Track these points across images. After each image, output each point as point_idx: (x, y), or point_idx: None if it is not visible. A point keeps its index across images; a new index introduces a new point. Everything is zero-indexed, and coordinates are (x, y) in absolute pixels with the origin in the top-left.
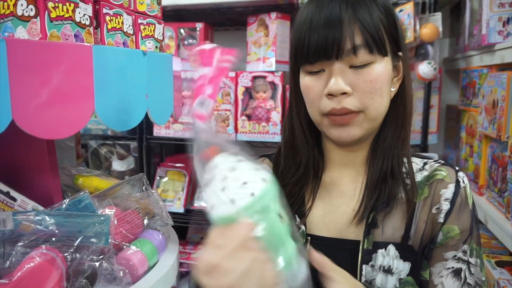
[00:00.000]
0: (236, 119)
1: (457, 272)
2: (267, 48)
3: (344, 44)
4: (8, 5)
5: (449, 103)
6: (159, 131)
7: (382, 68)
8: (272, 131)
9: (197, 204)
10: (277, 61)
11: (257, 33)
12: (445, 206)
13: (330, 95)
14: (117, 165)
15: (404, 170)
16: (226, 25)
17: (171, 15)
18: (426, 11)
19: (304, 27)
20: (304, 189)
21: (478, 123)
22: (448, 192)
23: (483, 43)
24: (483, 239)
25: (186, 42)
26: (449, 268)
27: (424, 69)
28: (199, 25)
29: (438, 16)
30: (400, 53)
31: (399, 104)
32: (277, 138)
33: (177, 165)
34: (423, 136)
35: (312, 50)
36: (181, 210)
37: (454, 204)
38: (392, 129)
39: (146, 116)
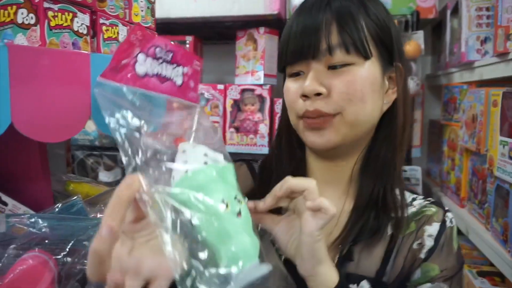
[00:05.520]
0: (224, 131)
1: None
2: (255, 61)
3: (319, 44)
4: (9, 13)
5: (432, 118)
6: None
7: (363, 71)
8: (259, 143)
9: None
10: (265, 75)
11: (246, 47)
12: (429, 242)
13: (305, 96)
14: (104, 176)
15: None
16: (215, 38)
17: (162, 28)
18: (409, 29)
19: (286, 32)
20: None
21: (459, 137)
22: (432, 229)
23: (462, 60)
24: (465, 250)
25: None
26: None
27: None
28: (189, 38)
29: (420, 34)
30: (395, 64)
31: (393, 120)
32: (265, 150)
33: None
34: (407, 150)
35: (290, 51)
36: None
37: (438, 242)
38: (385, 148)
39: None
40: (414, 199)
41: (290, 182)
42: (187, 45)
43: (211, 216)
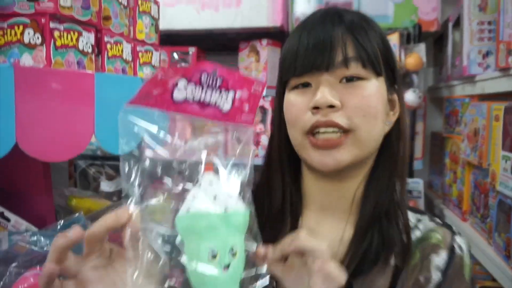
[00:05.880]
0: (226, 142)
1: None
2: (257, 73)
3: (335, 55)
4: (16, 33)
5: (433, 130)
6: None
7: (376, 88)
8: (261, 154)
9: None
10: (267, 86)
11: (248, 59)
12: (436, 276)
13: (316, 108)
14: (106, 186)
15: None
16: (218, 50)
17: (165, 39)
18: (410, 42)
19: (293, 45)
20: (279, 238)
21: (461, 150)
22: (439, 259)
23: (464, 74)
24: None
25: (178, 66)
26: None
27: (409, 96)
28: (192, 49)
29: (421, 47)
30: (397, 86)
31: (394, 142)
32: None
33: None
34: (409, 162)
35: (300, 60)
36: None
37: (446, 275)
38: (388, 170)
39: None
40: (419, 221)
41: (300, 242)
42: (190, 56)
43: (192, 262)
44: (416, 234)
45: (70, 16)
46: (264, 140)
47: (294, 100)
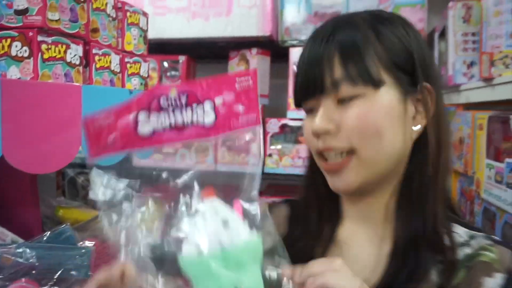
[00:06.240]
0: (216, 150)
1: None
2: None
3: (324, 79)
4: (3, 46)
5: None
6: (138, 161)
7: (375, 102)
8: (253, 162)
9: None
10: None
11: (238, 67)
12: None
13: (316, 134)
14: None
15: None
16: (208, 58)
17: (155, 48)
18: None
19: (298, 61)
20: (316, 248)
21: None
22: (493, 282)
23: (449, 83)
24: None
25: (168, 74)
26: None
27: None
28: (182, 58)
29: None
30: (424, 84)
31: (426, 145)
32: (256, 169)
33: (156, 195)
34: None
35: (297, 87)
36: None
37: None
38: (416, 179)
39: None
40: (472, 237)
41: (326, 279)
42: (180, 65)
43: None
44: (465, 251)
45: (58, 29)
46: (254, 148)
47: (305, 124)
